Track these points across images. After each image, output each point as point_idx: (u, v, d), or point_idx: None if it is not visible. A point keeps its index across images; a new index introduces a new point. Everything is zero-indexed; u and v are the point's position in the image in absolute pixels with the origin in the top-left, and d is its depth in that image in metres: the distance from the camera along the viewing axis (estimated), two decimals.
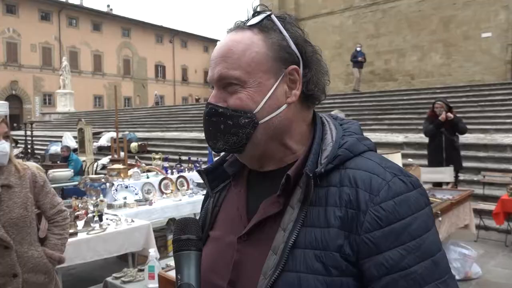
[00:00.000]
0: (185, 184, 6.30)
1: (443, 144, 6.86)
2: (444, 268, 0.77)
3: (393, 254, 0.74)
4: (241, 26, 0.89)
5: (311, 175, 0.79)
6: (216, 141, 0.87)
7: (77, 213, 4.33)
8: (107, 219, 4.31)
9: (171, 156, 9.94)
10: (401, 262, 0.74)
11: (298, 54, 0.87)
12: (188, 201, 5.64)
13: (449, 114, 6.74)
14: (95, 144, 14.92)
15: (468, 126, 9.44)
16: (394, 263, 0.74)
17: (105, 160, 13.34)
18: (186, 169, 6.97)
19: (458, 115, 7.67)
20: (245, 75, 0.84)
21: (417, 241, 0.75)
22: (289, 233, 0.79)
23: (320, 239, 0.78)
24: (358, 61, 17.30)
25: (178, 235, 0.83)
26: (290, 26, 0.88)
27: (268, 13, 0.88)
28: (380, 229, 0.75)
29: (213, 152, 8.08)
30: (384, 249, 0.75)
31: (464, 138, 8.87)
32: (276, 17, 0.88)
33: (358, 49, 17.39)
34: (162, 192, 5.90)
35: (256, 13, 0.89)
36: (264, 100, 0.85)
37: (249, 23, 0.88)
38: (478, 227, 5.99)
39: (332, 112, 5.94)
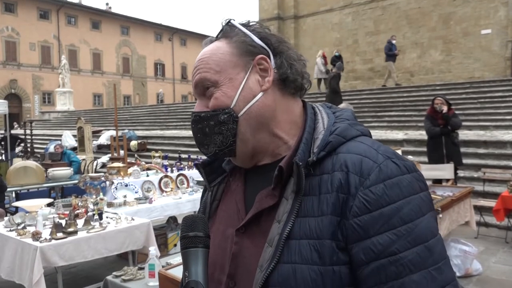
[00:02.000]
0: (185, 182, 6.29)
1: (443, 140, 6.87)
2: (439, 254, 0.74)
3: (382, 239, 0.73)
4: (210, 40, 0.95)
5: (300, 163, 0.79)
6: (207, 146, 0.90)
7: (77, 211, 4.32)
8: (107, 217, 4.31)
9: (170, 154, 9.93)
10: (391, 247, 0.72)
11: (264, 45, 0.90)
12: (188, 199, 5.63)
13: (444, 108, 6.81)
14: (94, 142, 14.92)
15: (468, 123, 9.45)
16: (382, 248, 0.73)
17: (104, 158, 13.35)
18: (186, 167, 6.97)
19: (457, 112, 7.69)
20: (215, 75, 0.88)
21: (408, 226, 0.73)
22: (283, 225, 0.79)
23: (314, 228, 0.77)
24: (394, 54, 16.70)
25: (185, 232, 0.83)
26: (253, 27, 0.92)
27: (227, 19, 0.94)
28: (368, 213, 0.74)
29: None
30: (372, 233, 0.73)
31: (464, 135, 8.88)
32: (239, 23, 0.93)
33: (393, 41, 16.75)
34: (162, 190, 5.90)
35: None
36: (238, 93, 0.87)
37: (217, 34, 0.94)
38: (479, 223, 5.98)
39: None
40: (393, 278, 0.72)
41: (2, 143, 13.87)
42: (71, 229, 3.76)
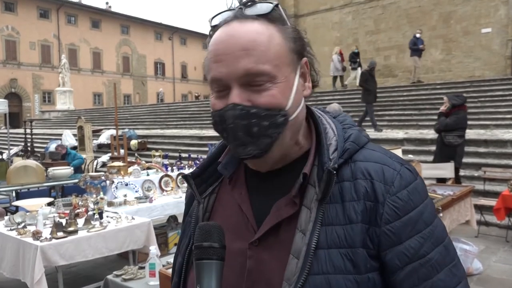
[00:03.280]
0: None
1: (438, 139, 7.20)
2: (453, 251, 0.79)
3: (413, 243, 0.75)
4: (243, 16, 0.79)
5: (334, 172, 0.76)
6: (245, 147, 0.78)
7: (77, 210, 4.32)
8: (107, 216, 4.31)
9: (171, 154, 9.92)
10: (420, 250, 0.75)
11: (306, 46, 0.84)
12: None
13: (442, 108, 7.11)
14: (94, 141, 14.91)
15: (468, 122, 9.43)
16: (414, 252, 0.75)
17: (105, 157, 13.35)
18: (186, 166, 6.97)
19: None
20: (274, 70, 0.76)
21: (430, 228, 0.77)
22: (310, 235, 0.76)
23: (344, 236, 0.75)
24: (418, 49, 15.94)
25: (200, 242, 0.76)
26: (291, 20, 0.83)
27: (276, 3, 0.80)
28: (399, 219, 0.75)
29: (213, 150, 8.08)
30: (404, 238, 0.75)
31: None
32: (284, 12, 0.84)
33: (418, 35, 16.01)
34: (162, 190, 5.90)
35: (250, 2, 0.80)
36: (292, 95, 0.79)
37: (255, 12, 0.79)
38: (479, 222, 5.98)
39: (332, 105, 5.96)
40: (424, 279, 0.75)
41: None
42: (71, 229, 3.76)
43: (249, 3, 0.80)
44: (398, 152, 4.62)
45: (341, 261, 0.74)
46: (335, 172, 0.77)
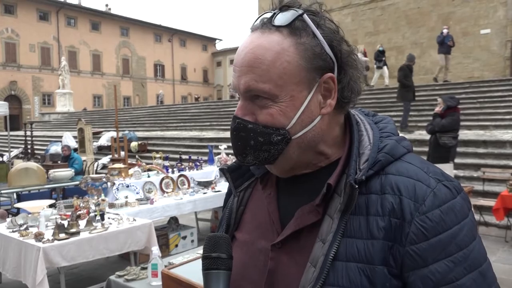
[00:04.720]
0: (186, 182, 6.32)
1: (431, 140, 7.30)
2: (491, 278, 0.74)
3: (440, 267, 0.71)
4: (267, 26, 0.78)
5: (356, 186, 0.74)
6: (245, 156, 0.81)
7: (79, 212, 4.35)
8: (108, 218, 4.33)
9: (171, 155, 9.95)
10: (449, 275, 0.71)
11: (333, 58, 0.79)
12: (189, 200, 5.65)
13: (436, 109, 7.20)
14: (95, 143, 14.93)
15: (467, 123, 9.51)
16: (441, 277, 0.71)
17: (105, 159, 13.37)
18: (187, 168, 6.99)
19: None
20: (276, 89, 0.76)
21: (464, 252, 0.72)
22: (329, 245, 0.75)
23: (364, 251, 0.73)
24: (447, 45, 15.13)
25: (208, 253, 0.80)
26: (323, 21, 0.80)
27: (300, 12, 0.77)
28: (426, 240, 0.71)
29: (213, 151, 8.10)
30: (430, 261, 0.71)
31: (464, 135, 8.92)
32: (308, 12, 0.79)
33: (445, 30, 15.19)
34: (163, 191, 5.92)
35: (284, 7, 0.78)
36: (298, 114, 0.78)
37: (277, 22, 0.77)
38: (478, 223, 6.01)
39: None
40: None
41: None
42: (73, 230, 3.79)
43: (278, 11, 0.79)
44: None
45: (358, 276, 0.73)
46: (357, 186, 0.74)
